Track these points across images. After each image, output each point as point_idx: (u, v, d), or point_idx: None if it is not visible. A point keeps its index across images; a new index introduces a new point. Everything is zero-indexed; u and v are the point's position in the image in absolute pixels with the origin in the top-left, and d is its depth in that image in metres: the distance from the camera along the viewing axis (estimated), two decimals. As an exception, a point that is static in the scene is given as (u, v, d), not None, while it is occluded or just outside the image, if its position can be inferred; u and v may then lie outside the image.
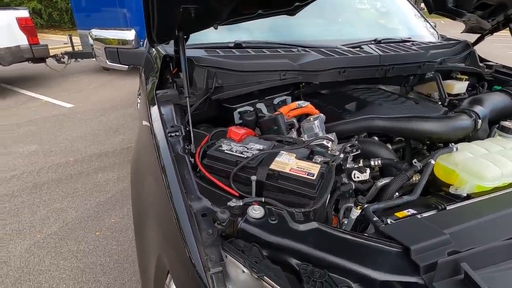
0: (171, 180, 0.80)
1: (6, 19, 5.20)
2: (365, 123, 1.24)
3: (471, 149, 1.05)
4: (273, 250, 0.71)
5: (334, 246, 0.71)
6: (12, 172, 3.35)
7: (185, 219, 0.68)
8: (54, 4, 13.88)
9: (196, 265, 0.60)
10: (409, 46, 1.75)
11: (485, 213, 0.80)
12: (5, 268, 2.19)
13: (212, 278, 0.57)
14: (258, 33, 1.92)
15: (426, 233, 0.73)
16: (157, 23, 1.12)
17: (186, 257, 0.62)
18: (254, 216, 0.76)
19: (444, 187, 1.02)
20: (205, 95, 1.35)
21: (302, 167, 0.92)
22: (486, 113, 1.29)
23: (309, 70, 1.45)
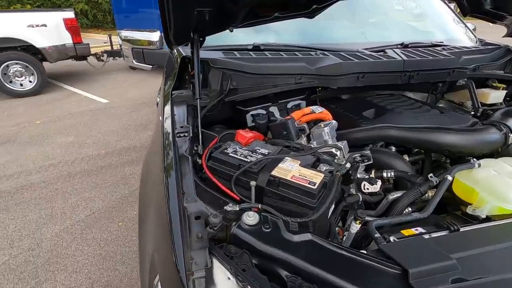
0: (170, 180, 0.82)
1: (54, 19, 5.65)
2: (379, 132, 1.18)
3: (496, 167, 0.96)
4: (263, 259, 0.70)
5: (327, 260, 0.68)
6: (50, 161, 3.63)
7: (177, 220, 0.69)
8: (99, 5, 14.84)
9: (179, 268, 0.61)
10: (439, 51, 1.63)
11: (503, 239, 0.72)
12: (37, 249, 2.38)
13: (194, 283, 0.57)
14: (280, 35, 1.90)
15: (430, 255, 0.67)
16: (173, 25, 1.15)
17: (172, 259, 0.63)
18: (247, 222, 0.75)
19: (463, 206, 0.94)
20: (219, 97, 1.37)
21: (304, 175, 0.90)
22: None
23: (325, 74, 1.41)
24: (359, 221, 0.78)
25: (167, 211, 0.72)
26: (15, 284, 2.08)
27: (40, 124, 4.62)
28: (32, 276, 2.15)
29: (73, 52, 6.02)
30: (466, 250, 0.70)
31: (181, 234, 0.66)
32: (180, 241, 0.65)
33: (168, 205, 0.73)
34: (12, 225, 2.62)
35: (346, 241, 0.83)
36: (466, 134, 1.09)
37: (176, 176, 0.83)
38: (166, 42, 1.29)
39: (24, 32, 5.44)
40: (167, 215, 0.71)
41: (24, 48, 5.58)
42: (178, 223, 0.69)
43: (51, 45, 5.69)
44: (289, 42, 1.73)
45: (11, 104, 5.40)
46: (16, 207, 2.84)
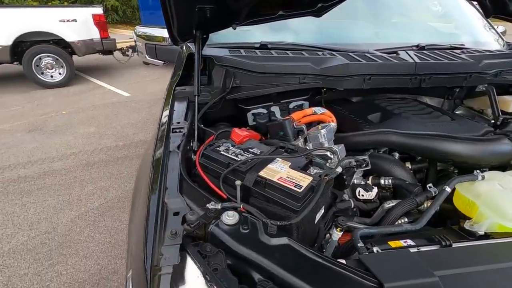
0: (155, 175, 0.83)
1: (84, 15, 5.92)
2: (379, 137, 1.13)
3: (502, 180, 0.88)
4: (238, 260, 0.69)
5: (301, 267, 0.66)
6: (72, 149, 3.81)
7: (153, 215, 0.70)
8: (129, 2, 15.36)
9: (146, 262, 0.61)
10: (457, 54, 1.53)
11: (497, 259, 0.67)
12: (53, 233, 2.51)
13: (160, 279, 0.58)
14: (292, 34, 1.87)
15: (411, 270, 0.63)
16: (176, 22, 1.16)
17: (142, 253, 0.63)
18: (226, 222, 0.74)
19: (462, 220, 0.88)
20: (221, 94, 1.37)
21: (292, 177, 0.87)
22: None
23: (330, 75, 1.37)
24: (340, 229, 0.75)
25: (146, 205, 0.72)
26: (30, 264, 2.21)
27: (65, 114, 4.86)
28: (46, 258, 2.27)
29: (100, 47, 6.28)
30: (454, 268, 0.66)
31: (154, 229, 0.67)
32: (152, 235, 0.65)
33: (149, 199, 0.74)
34: (32, 208, 2.78)
35: (328, 249, 0.80)
36: (473, 144, 1.02)
37: (161, 171, 0.84)
38: (170, 39, 1.31)
39: (56, 26, 5.75)
40: (145, 209, 0.71)
41: (56, 41, 5.89)
42: (154, 217, 0.69)
43: (80, 39, 5.97)
44: (299, 41, 1.70)
45: (42, 95, 5.72)
46: (37, 191, 3.01)
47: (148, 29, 2.05)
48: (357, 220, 1.09)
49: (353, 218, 1.08)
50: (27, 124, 4.49)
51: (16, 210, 2.75)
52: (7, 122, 4.53)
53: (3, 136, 4.09)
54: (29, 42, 5.68)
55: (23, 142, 3.96)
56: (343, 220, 0.74)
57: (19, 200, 2.88)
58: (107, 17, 13.93)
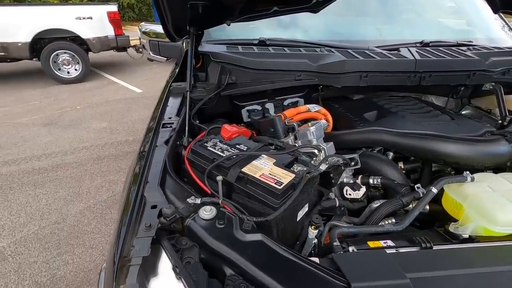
0: (138, 168, 0.84)
1: (99, 12, 6.06)
2: (369, 135, 1.10)
3: (493, 182, 0.84)
4: (211, 254, 0.70)
5: (272, 264, 0.66)
6: (84, 143, 3.93)
7: (130, 207, 0.71)
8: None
9: (116, 253, 0.63)
10: (462, 51, 1.47)
11: (476, 264, 0.64)
12: (62, 223, 2.61)
13: (128, 269, 0.59)
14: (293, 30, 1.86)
15: (383, 272, 0.62)
16: (170, 19, 1.18)
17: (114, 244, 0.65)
18: (203, 216, 0.75)
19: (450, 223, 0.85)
20: (216, 91, 1.38)
21: (274, 174, 0.87)
22: None
23: (326, 72, 1.35)
24: (314, 227, 0.74)
25: (126, 198, 0.74)
26: (40, 252, 2.31)
27: (80, 109, 5.02)
28: (55, 247, 2.36)
29: (114, 44, 6.42)
30: (430, 270, 0.64)
31: (129, 221, 0.68)
32: (125, 227, 0.67)
33: (128, 192, 0.76)
34: (44, 199, 2.89)
35: (306, 247, 0.79)
36: (465, 144, 0.98)
37: (144, 164, 0.85)
38: (167, 36, 1.32)
39: (73, 24, 5.92)
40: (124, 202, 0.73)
41: (72, 38, 6.07)
42: (130, 210, 0.71)
43: (95, 37, 6.13)
44: (302, 38, 1.68)
45: (59, 90, 5.92)
46: (50, 183, 3.13)
47: (152, 26, 2.08)
48: (345, 219, 1.08)
49: (342, 217, 1.07)
50: (44, 118, 4.67)
51: (29, 201, 2.87)
52: (25, 116, 4.72)
53: (21, 130, 4.27)
54: (47, 39, 5.88)
55: (39, 136, 4.12)
56: (317, 218, 0.73)
57: (32, 191, 3.01)
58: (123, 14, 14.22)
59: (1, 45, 5.55)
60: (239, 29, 1.75)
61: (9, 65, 6.79)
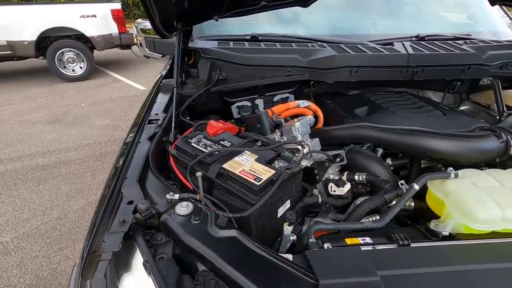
0: (119, 164, 0.85)
1: (103, 10, 6.10)
2: (357, 131, 1.08)
3: (476, 179, 0.82)
4: (185, 250, 0.70)
5: (244, 260, 0.65)
6: (87, 140, 3.98)
7: (104, 203, 0.72)
8: (150, -3, 15.66)
9: (85, 248, 0.63)
10: (458, 45, 1.43)
11: (451, 262, 0.63)
12: (64, 219, 2.66)
13: (97, 265, 0.59)
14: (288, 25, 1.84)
15: (354, 269, 0.61)
16: (157, 14, 1.17)
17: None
18: (179, 212, 0.75)
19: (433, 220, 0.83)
20: (206, 87, 1.37)
21: (255, 170, 0.87)
22: None
23: (316, 67, 1.33)
24: (288, 223, 0.73)
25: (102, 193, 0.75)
26: (41, 247, 2.35)
27: (84, 107, 5.08)
28: (56, 242, 2.40)
29: (118, 41, 6.47)
30: (404, 268, 0.63)
31: (102, 216, 0.69)
32: (98, 222, 0.67)
33: (105, 188, 0.76)
34: (47, 195, 2.94)
35: (283, 244, 0.78)
36: (452, 140, 0.95)
37: (124, 160, 0.86)
38: (156, 33, 1.32)
39: (77, 22, 5.98)
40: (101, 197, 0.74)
41: (77, 37, 6.13)
42: (104, 205, 0.71)
43: (99, 34, 6.18)
44: (293, 33, 1.66)
45: (64, 88, 6.01)
46: (53, 179, 3.18)
47: (148, 23, 2.08)
48: (331, 216, 1.07)
49: (328, 214, 1.06)
50: (49, 115, 4.74)
51: (33, 197, 2.93)
52: (30, 114, 4.80)
53: (26, 127, 4.35)
54: (52, 37, 5.96)
55: (43, 133, 4.18)
56: (291, 214, 0.72)
57: (36, 187, 3.06)
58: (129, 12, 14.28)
59: (8, 43, 5.65)
60: (237, 25, 1.74)
61: (16, 63, 6.92)
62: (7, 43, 5.64)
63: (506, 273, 0.63)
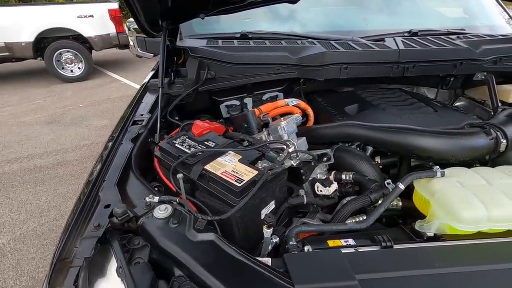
0: (98, 166, 0.83)
1: (100, 10, 6.08)
2: (343, 129, 1.06)
3: (463, 177, 0.79)
4: (162, 255, 0.68)
5: (221, 265, 0.64)
6: (85, 141, 3.98)
7: (79, 207, 0.70)
8: (149, -4, 15.63)
9: (55, 254, 0.62)
10: (451, 40, 1.40)
11: (436, 264, 0.61)
12: (61, 220, 2.66)
13: (68, 271, 0.58)
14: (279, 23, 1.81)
15: (332, 273, 0.59)
16: (142, 13, 1.15)
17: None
18: (157, 215, 0.74)
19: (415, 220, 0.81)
20: (194, 86, 1.35)
21: (237, 171, 0.85)
22: None
23: (306, 64, 1.31)
24: (267, 226, 0.71)
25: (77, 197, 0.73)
26: (38, 249, 2.35)
27: (82, 107, 5.08)
28: (52, 244, 2.40)
29: (116, 41, 6.45)
30: (384, 271, 0.61)
31: (75, 221, 0.67)
32: (71, 227, 0.66)
33: (82, 191, 0.75)
34: (44, 196, 2.94)
35: (264, 247, 0.77)
36: (440, 138, 0.93)
37: (104, 162, 0.84)
38: (143, 32, 1.30)
39: (74, 22, 5.97)
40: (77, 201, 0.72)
41: (75, 37, 6.12)
42: (79, 209, 0.70)
43: (97, 35, 6.17)
44: (283, 30, 1.63)
45: (62, 88, 6.01)
46: (50, 181, 3.18)
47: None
48: (320, 217, 1.05)
49: (315, 215, 1.04)
50: (47, 116, 4.74)
51: (30, 198, 2.93)
52: (29, 115, 4.81)
53: (24, 128, 4.35)
54: (50, 38, 5.95)
55: (41, 134, 4.19)
56: (269, 217, 0.71)
57: (33, 188, 3.06)
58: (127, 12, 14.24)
59: (6, 45, 5.65)
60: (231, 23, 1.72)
61: (14, 65, 6.92)
62: (5, 45, 5.64)
63: (490, 275, 0.61)
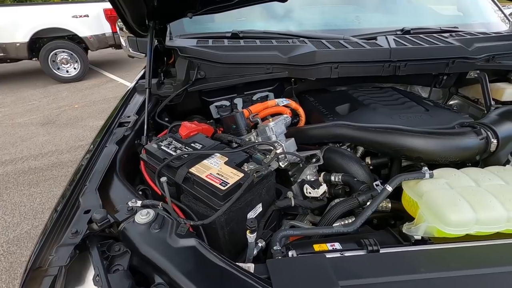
0: (80, 170, 0.81)
1: (95, 10, 6.04)
2: (332, 130, 1.04)
3: (452, 178, 0.78)
4: (143, 261, 0.67)
5: (201, 272, 0.62)
6: (80, 142, 3.95)
7: (59, 213, 0.68)
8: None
9: (28, 263, 0.60)
10: (443, 38, 1.39)
11: (421, 269, 0.59)
12: (55, 222, 2.63)
13: (42, 281, 0.56)
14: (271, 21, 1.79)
15: (314, 279, 0.58)
16: (128, 13, 1.13)
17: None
18: (138, 221, 0.72)
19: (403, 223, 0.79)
20: (183, 87, 1.33)
21: (222, 174, 0.83)
22: None
23: (296, 64, 1.29)
24: (249, 231, 0.70)
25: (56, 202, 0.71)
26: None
27: (78, 108, 5.05)
28: (46, 246, 2.38)
29: (112, 41, 6.41)
30: (368, 277, 0.59)
31: (52, 228, 0.65)
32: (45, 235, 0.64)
33: (62, 196, 0.73)
34: (38, 198, 2.92)
35: (248, 252, 0.75)
36: (428, 138, 0.91)
37: (86, 166, 0.82)
38: (130, 31, 1.28)
39: (69, 22, 5.93)
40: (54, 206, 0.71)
41: (70, 37, 6.08)
42: (57, 216, 0.68)
43: (92, 34, 6.13)
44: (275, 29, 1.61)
45: (58, 89, 5.97)
46: (44, 182, 3.16)
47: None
48: (310, 218, 1.03)
49: (305, 217, 1.03)
50: (42, 117, 4.71)
51: (24, 200, 2.90)
52: (24, 116, 4.78)
53: (19, 129, 4.32)
54: (45, 39, 5.91)
55: (36, 135, 4.16)
56: (252, 221, 0.69)
57: (27, 190, 3.04)
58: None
59: (0, 46, 5.60)
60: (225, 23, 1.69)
61: (9, 66, 6.88)
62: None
63: (477, 280, 0.59)
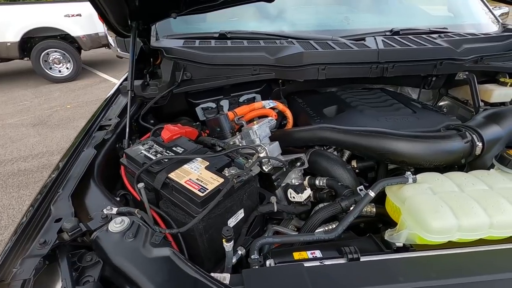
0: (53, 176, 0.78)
1: (88, 9, 5.95)
2: (317, 133, 1.02)
3: (435, 183, 0.76)
4: (115, 272, 0.64)
5: (174, 283, 0.60)
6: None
7: (27, 222, 0.66)
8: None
9: None
10: (431, 39, 1.37)
11: (401, 278, 0.57)
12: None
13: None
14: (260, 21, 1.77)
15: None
16: (109, 13, 1.10)
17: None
18: (112, 229, 0.70)
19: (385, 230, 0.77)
20: (168, 89, 1.31)
21: (202, 179, 0.81)
22: (500, 135, 0.92)
23: (283, 65, 1.27)
24: (225, 240, 0.67)
25: (25, 211, 0.69)
26: (19, 255, 2.28)
27: (70, 108, 4.99)
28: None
29: (105, 41, 6.30)
30: (345, 287, 0.57)
31: (18, 238, 0.63)
32: (10, 246, 0.61)
33: (32, 203, 0.70)
34: (28, 201, 2.87)
35: (227, 261, 0.73)
36: (412, 141, 0.89)
37: (60, 172, 0.79)
38: (112, 31, 1.25)
39: (61, 21, 5.85)
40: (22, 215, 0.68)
41: (62, 37, 6.00)
42: (24, 225, 0.65)
43: (85, 34, 6.06)
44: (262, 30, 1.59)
45: (50, 89, 5.90)
46: (34, 184, 3.11)
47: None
48: (295, 223, 1.01)
49: (290, 222, 1.01)
50: (33, 118, 4.65)
51: (12, 203, 2.85)
52: (14, 117, 4.71)
53: (9, 131, 4.26)
54: (37, 38, 5.83)
55: (27, 136, 4.10)
56: (227, 230, 0.67)
57: (16, 192, 2.99)
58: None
59: (-10, 45, 5.53)
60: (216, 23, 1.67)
61: (0, 65, 6.78)
62: (-11, 45, 5.52)
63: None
